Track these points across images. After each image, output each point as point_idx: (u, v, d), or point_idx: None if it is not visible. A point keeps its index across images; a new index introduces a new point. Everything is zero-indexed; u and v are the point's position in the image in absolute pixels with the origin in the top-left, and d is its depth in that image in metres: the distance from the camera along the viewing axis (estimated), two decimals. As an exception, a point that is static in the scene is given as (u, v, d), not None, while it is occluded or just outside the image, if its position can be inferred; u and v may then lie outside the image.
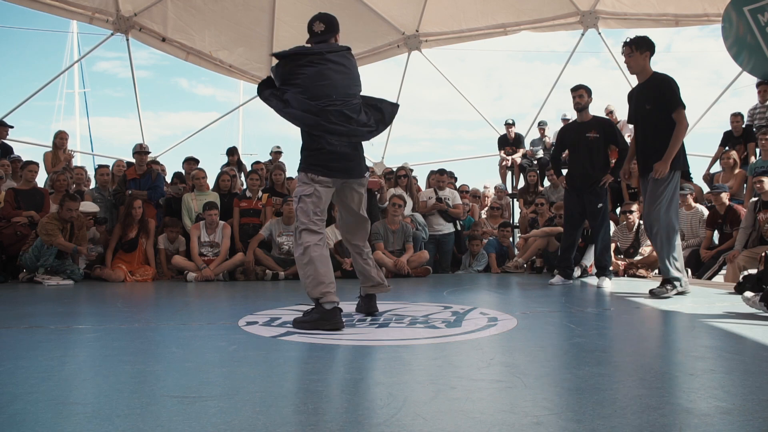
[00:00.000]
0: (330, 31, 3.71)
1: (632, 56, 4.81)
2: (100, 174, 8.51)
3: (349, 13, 11.16)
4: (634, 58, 4.81)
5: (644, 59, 4.83)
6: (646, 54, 4.83)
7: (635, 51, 4.79)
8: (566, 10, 10.78)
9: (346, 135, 3.58)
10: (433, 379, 2.20)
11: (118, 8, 10.63)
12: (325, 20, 3.72)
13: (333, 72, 3.55)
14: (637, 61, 4.81)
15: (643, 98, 4.86)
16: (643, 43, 4.82)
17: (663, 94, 4.72)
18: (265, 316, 3.81)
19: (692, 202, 8.06)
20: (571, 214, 6.22)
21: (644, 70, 4.86)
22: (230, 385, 2.10)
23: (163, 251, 7.64)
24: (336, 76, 3.55)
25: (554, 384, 2.10)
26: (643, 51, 4.80)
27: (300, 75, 3.49)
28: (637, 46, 4.79)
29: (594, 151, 5.92)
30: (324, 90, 3.50)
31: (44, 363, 2.50)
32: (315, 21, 3.71)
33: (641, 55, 4.80)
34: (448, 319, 3.68)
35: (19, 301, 5.23)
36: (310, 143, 3.57)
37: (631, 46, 4.81)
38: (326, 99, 3.49)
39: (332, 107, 3.49)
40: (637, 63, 4.82)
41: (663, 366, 2.40)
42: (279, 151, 10.78)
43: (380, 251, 7.53)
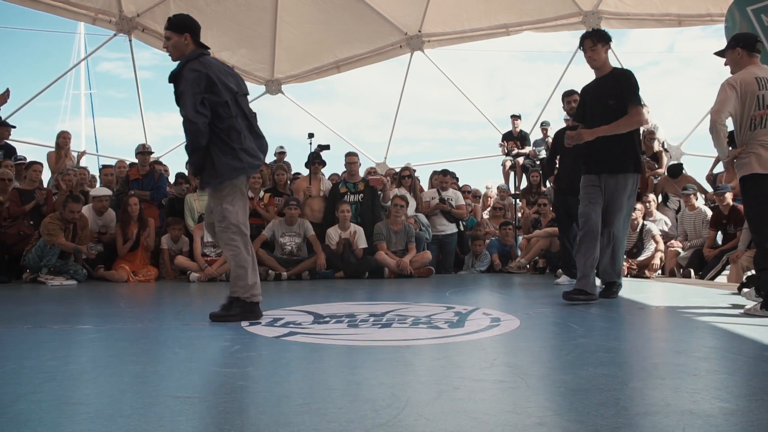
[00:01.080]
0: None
1: (595, 49, 4.65)
2: (105, 174, 8.53)
3: (351, 14, 11.18)
4: (597, 51, 4.65)
5: (605, 52, 4.70)
6: (607, 47, 4.69)
7: (597, 44, 4.64)
8: (569, 11, 10.76)
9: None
10: (436, 380, 2.20)
11: (121, 9, 10.65)
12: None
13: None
14: (600, 54, 4.65)
15: (605, 94, 4.66)
16: (604, 35, 4.69)
17: (626, 88, 4.56)
18: (267, 316, 3.81)
19: (695, 203, 8.04)
20: (560, 216, 6.26)
21: (605, 64, 4.70)
22: (233, 386, 2.10)
23: (167, 251, 7.64)
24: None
25: (557, 384, 2.10)
26: (605, 44, 4.66)
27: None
28: (600, 38, 4.65)
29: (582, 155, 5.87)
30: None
31: (48, 363, 2.50)
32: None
33: (603, 47, 4.66)
34: (450, 319, 3.67)
35: (22, 301, 5.25)
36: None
37: (594, 38, 4.66)
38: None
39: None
40: (599, 56, 4.66)
41: (666, 367, 2.39)
42: (283, 151, 10.76)
43: (383, 251, 7.53)
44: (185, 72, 3.60)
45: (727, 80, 4.02)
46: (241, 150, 3.67)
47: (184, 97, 3.56)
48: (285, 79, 12.81)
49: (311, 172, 8.33)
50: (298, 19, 11.36)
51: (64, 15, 10.53)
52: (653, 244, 7.52)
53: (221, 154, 3.63)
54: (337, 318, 3.74)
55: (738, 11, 8.88)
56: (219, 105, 3.62)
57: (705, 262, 7.49)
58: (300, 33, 11.70)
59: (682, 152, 10.75)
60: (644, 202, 8.09)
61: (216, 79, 3.62)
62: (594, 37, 4.65)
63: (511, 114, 11.51)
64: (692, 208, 8.01)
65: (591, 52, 4.65)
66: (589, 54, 4.67)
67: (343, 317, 3.77)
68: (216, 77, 3.62)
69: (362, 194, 8.13)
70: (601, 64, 4.68)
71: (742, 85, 3.92)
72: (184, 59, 3.68)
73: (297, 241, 7.59)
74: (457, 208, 8.71)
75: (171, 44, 3.71)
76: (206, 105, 3.57)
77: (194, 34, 3.76)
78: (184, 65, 3.63)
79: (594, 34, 4.68)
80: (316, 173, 8.34)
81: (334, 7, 11.11)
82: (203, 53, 3.73)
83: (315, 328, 3.40)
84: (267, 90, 12.87)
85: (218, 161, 3.62)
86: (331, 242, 7.59)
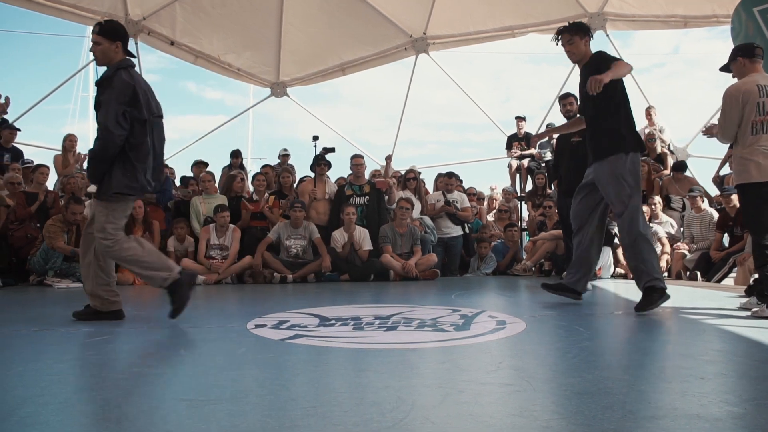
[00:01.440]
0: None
1: (573, 43, 4.42)
2: None
3: (356, 16, 11.20)
4: (575, 44, 4.41)
5: (585, 44, 4.45)
6: (586, 39, 4.46)
7: (574, 36, 4.41)
8: (574, 12, 10.75)
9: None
10: (442, 383, 2.19)
11: (127, 12, 10.70)
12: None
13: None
14: (579, 47, 4.42)
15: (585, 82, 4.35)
16: (582, 27, 4.49)
17: (600, 65, 4.22)
18: (273, 319, 3.81)
19: (701, 205, 8.01)
20: (564, 218, 6.24)
21: (585, 55, 4.45)
22: (239, 388, 2.10)
23: (173, 254, 7.66)
24: None
25: (563, 388, 2.09)
26: (582, 36, 4.43)
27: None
28: (576, 31, 4.43)
29: (578, 156, 5.84)
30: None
31: (54, 366, 2.51)
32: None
33: (582, 40, 4.42)
34: (456, 322, 3.67)
35: (29, 303, 5.26)
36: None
37: (570, 32, 4.42)
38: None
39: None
40: (579, 49, 4.42)
41: (673, 370, 2.38)
42: (287, 153, 10.78)
43: (388, 254, 7.53)
44: (115, 80, 3.61)
45: (729, 89, 4.15)
46: (142, 170, 3.71)
47: (109, 106, 3.57)
48: (290, 82, 12.83)
49: (316, 174, 8.34)
50: (304, 21, 11.39)
51: (71, 18, 10.59)
52: (659, 246, 7.49)
53: (122, 171, 3.65)
54: (343, 321, 3.74)
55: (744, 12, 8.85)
56: (137, 121, 3.64)
57: (712, 265, 7.46)
58: (305, 36, 11.73)
59: (689, 154, 10.71)
60: (650, 204, 8.07)
61: (141, 95, 3.65)
62: (569, 31, 4.44)
63: (516, 116, 11.51)
64: (698, 210, 7.98)
65: (569, 47, 4.45)
66: (568, 48, 4.47)
67: (349, 320, 3.77)
68: (141, 93, 3.67)
69: (368, 196, 8.13)
70: (582, 56, 4.45)
71: (743, 93, 4.05)
72: (114, 66, 3.70)
73: (302, 244, 7.59)
74: (462, 210, 8.70)
75: (100, 50, 3.72)
76: (126, 119, 3.59)
77: (125, 44, 3.80)
78: (115, 73, 3.64)
79: (569, 28, 4.46)
80: (321, 175, 8.35)
81: (339, 9, 11.13)
82: (132, 64, 3.79)
83: (320, 330, 3.40)
84: (272, 93, 12.90)
85: (116, 176, 3.64)
86: (337, 245, 7.59)
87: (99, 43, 3.71)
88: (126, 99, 3.59)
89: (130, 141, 3.63)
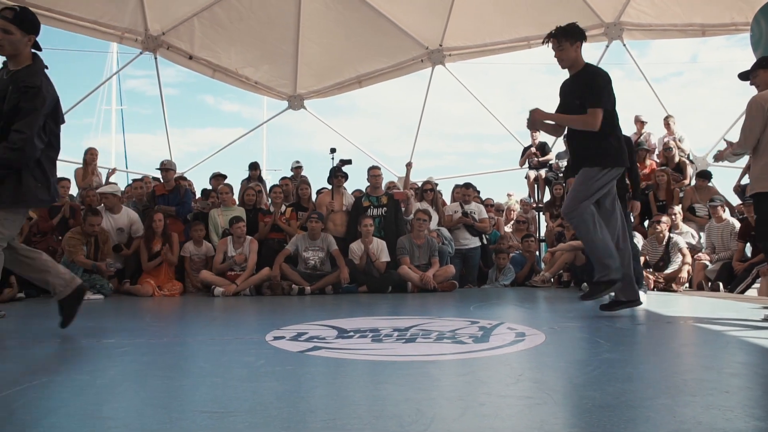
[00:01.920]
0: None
1: (562, 48, 4.29)
2: (136, 188, 8.62)
3: (372, 29, 11.27)
4: (564, 50, 4.29)
5: (575, 50, 4.33)
6: (577, 44, 4.33)
7: (564, 42, 4.29)
8: (590, 22, 10.71)
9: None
10: (462, 396, 2.18)
11: (147, 28, 10.87)
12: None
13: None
14: (569, 53, 4.30)
15: (572, 93, 4.36)
16: (573, 31, 4.34)
17: (588, 89, 4.21)
18: (292, 330, 3.82)
19: (722, 214, 7.92)
20: None
21: (576, 61, 4.35)
22: (258, 401, 2.11)
23: (188, 259, 7.74)
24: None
25: (584, 401, 2.07)
26: (574, 41, 4.31)
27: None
28: (565, 36, 4.30)
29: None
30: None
31: (76, 377, 2.53)
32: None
33: (572, 45, 4.30)
34: (475, 334, 3.65)
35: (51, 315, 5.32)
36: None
37: (559, 37, 4.30)
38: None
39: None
40: (568, 55, 4.30)
41: (696, 383, 2.35)
42: (299, 166, 10.80)
43: (406, 266, 7.52)
44: (44, 89, 3.43)
45: (754, 97, 4.16)
46: (54, 183, 3.62)
47: (34, 116, 3.37)
48: (307, 95, 12.93)
49: (333, 186, 8.37)
50: (320, 35, 11.48)
51: (93, 35, 10.78)
52: (680, 257, 7.41)
53: (33, 181, 3.47)
54: (361, 333, 3.74)
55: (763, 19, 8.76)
56: (53, 135, 3.54)
57: (734, 275, 7.35)
58: (322, 49, 11.82)
59: (708, 163, 10.60)
60: (670, 215, 7.99)
61: (58, 107, 3.55)
62: (558, 36, 4.32)
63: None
64: (719, 220, 7.89)
65: (558, 53, 4.34)
66: (557, 55, 4.35)
67: (367, 332, 3.76)
68: (58, 104, 3.56)
69: (385, 208, 8.14)
70: (572, 62, 4.35)
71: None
72: (35, 67, 3.50)
73: (320, 256, 7.61)
74: (480, 221, 8.67)
75: (9, 39, 3.43)
76: (46, 132, 3.46)
77: (36, 39, 3.57)
78: (42, 81, 3.45)
79: (558, 32, 4.34)
80: (338, 187, 8.38)
81: (355, 22, 11.21)
82: (47, 66, 3.59)
83: (339, 342, 3.40)
84: (289, 105, 13.00)
85: (27, 186, 3.45)
86: (354, 256, 7.60)
87: (10, 32, 3.43)
88: (49, 111, 3.46)
89: (46, 153, 3.51)
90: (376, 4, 10.94)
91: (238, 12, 10.87)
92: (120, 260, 7.60)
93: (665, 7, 10.21)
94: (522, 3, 10.53)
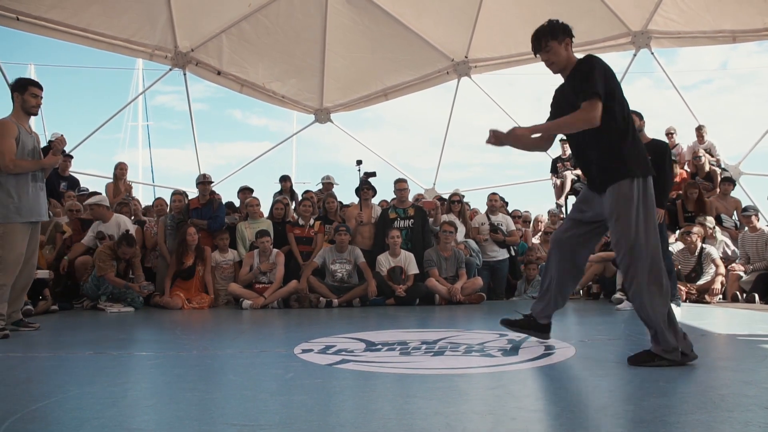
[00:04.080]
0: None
1: (549, 49, 3.46)
2: (175, 200, 8.69)
3: (398, 42, 11.32)
4: (552, 50, 3.46)
5: (566, 48, 3.49)
6: (566, 41, 3.49)
7: (550, 42, 3.46)
8: (617, 31, 10.63)
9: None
10: (492, 410, 2.16)
11: (176, 44, 11.06)
12: None
13: None
14: (558, 52, 3.47)
15: (569, 91, 3.52)
16: (556, 28, 3.50)
17: (579, 79, 3.40)
18: (320, 343, 3.83)
19: (757, 224, 7.75)
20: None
21: (569, 61, 3.51)
22: (288, 414, 2.11)
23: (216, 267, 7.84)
24: None
25: (617, 416, 2.03)
26: (561, 38, 3.48)
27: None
28: (550, 34, 3.47)
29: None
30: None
31: (109, 389, 2.57)
32: None
33: (560, 44, 3.47)
34: (504, 347, 3.61)
35: (83, 327, 5.42)
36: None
37: (541, 38, 3.48)
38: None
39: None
40: (558, 56, 3.48)
41: (734, 398, 2.29)
42: (330, 182, 10.81)
43: (434, 278, 7.49)
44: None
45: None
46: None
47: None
48: (334, 108, 13.01)
49: (361, 199, 8.40)
50: (346, 48, 11.57)
51: (124, 53, 11.03)
52: (713, 267, 7.26)
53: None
54: (389, 345, 3.73)
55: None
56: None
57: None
58: (348, 62, 11.91)
59: (741, 171, 10.39)
60: (702, 225, 7.84)
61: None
62: (541, 37, 3.51)
63: (560, 138, 11.34)
64: (753, 230, 7.71)
65: (547, 55, 3.51)
66: (545, 57, 3.53)
67: (395, 345, 3.75)
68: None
69: (412, 220, 8.13)
70: (564, 63, 3.51)
71: None
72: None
73: (347, 268, 7.62)
74: (509, 234, 8.60)
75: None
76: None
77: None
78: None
79: (539, 33, 3.52)
80: (366, 200, 8.39)
81: (380, 35, 11.27)
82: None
83: (367, 355, 3.40)
84: (316, 119, 13.09)
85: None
86: (382, 269, 7.60)
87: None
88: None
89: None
90: (402, 17, 10.99)
91: (266, 27, 11.01)
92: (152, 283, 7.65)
93: (694, 14, 10.07)
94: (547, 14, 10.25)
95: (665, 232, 6.00)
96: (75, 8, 9.59)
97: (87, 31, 10.09)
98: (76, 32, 10.00)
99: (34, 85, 4.90)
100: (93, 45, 10.45)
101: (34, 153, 4.85)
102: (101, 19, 9.98)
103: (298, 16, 10.95)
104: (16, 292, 4.80)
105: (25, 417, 2.08)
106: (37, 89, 4.87)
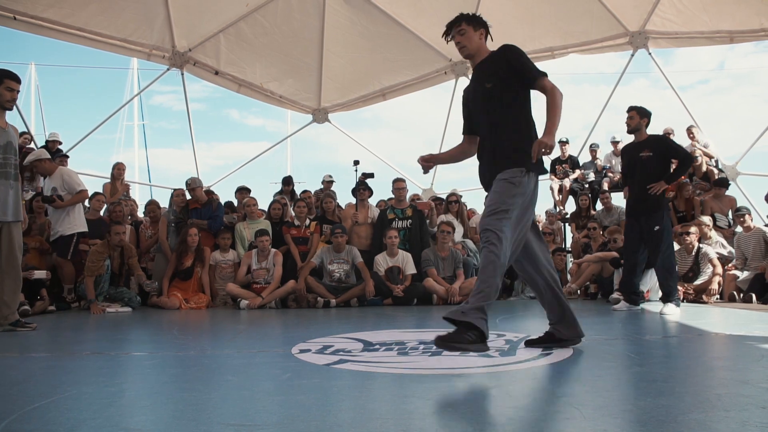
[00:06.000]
0: None
1: (464, 32, 3.55)
2: (177, 196, 8.66)
3: (396, 42, 11.33)
4: (466, 34, 3.55)
5: (480, 37, 3.61)
6: (481, 32, 3.62)
7: (469, 26, 3.56)
8: (614, 31, 10.64)
9: None
10: (490, 410, 2.16)
11: (174, 44, 11.05)
12: None
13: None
14: (471, 37, 3.56)
15: (482, 78, 3.58)
16: (477, 19, 3.65)
17: (511, 62, 3.50)
18: (317, 343, 3.83)
19: (751, 224, 7.76)
20: (629, 237, 6.08)
21: (480, 49, 3.62)
22: (286, 414, 2.11)
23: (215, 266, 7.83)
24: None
25: (614, 416, 2.04)
26: (477, 27, 3.60)
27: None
28: (468, 20, 3.59)
29: (648, 172, 5.79)
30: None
31: (106, 389, 2.56)
32: None
33: (475, 31, 3.58)
34: (502, 347, 3.62)
35: (80, 327, 5.41)
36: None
37: (460, 21, 3.58)
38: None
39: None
40: (470, 40, 3.56)
41: (731, 398, 2.29)
42: (331, 180, 10.85)
43: (432, 278, 7.49)
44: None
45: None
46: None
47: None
48: (331, 108, 13.01)
49: (357, 199, 8.40)
50: (344, 48, 11.57)
51: (122, 52, 11.03)
52: (710, 267, 7.27)
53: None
54: (387, 345, 3.73)
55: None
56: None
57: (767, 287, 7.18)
58: (346, 62, 11.91)
59: (738, 172, 10.41)
60: (698, 225, 7.86)
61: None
62: (461, 19, 3.60)
63: (559, 140, 11.38)
64: (748, 230, 7.72)
65: (459, 37, 3.57)
66: (458, 39, 3.58)
67: (393, 345, 3.76)
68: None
69: (410, 220, 8.14)
70: (475, 50, 3.60)
71: None
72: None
73: (345, 268, 7.63)
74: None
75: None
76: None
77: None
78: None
79: (459, 17, 3.63)
80: (362, 201, 8.40)
81: (378, 35, 11.27)
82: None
83: (365, 355, 3.40)
84: (314, 119, 13.10)
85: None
86: (380, 269, 7.60)
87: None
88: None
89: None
90: (399, 17, 11.00)
91: (263, 27, 11.01)
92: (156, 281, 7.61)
93: (691, 15, 10.08)
94: (545, 13, 10.49)
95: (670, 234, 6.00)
96: (72, 8, 9.58)
97: (84, 31, 10.10)
98: (74, 32, 10.00)
99: (11, 78, 4.68)
100: (90, 44, 10.44)
101: (7, 149, 4.70)
102: (99, 18, 9.97)
103: (296, 16, 10.95)
104: (7, 294, 4.77)
105: (22, 417, 2.08)
106: (14, 83, 4.67)
